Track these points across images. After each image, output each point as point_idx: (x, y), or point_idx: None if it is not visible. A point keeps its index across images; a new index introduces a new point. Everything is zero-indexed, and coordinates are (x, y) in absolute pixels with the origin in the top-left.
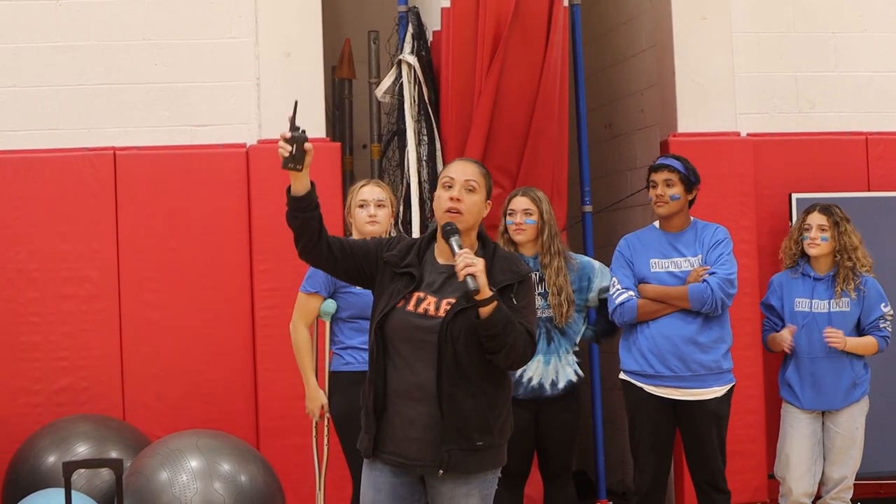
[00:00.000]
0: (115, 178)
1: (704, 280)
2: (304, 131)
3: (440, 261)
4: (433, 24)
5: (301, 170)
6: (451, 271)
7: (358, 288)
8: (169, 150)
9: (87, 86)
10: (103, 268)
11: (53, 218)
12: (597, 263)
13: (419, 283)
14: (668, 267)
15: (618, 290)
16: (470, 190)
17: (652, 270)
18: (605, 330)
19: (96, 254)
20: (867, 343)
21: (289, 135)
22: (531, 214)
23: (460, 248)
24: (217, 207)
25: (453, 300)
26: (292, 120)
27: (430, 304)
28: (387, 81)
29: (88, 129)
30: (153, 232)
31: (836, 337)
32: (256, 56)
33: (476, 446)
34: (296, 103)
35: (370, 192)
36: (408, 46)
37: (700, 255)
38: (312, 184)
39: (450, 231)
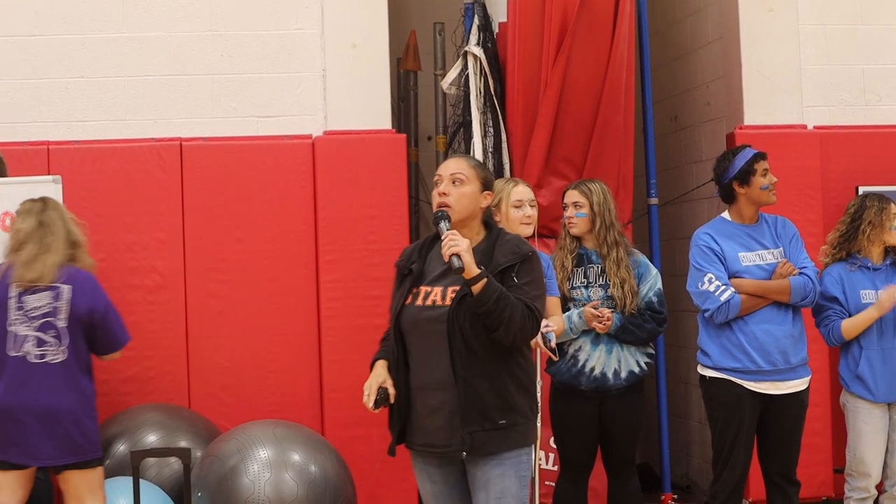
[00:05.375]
0: (182, 169)
1: (803, 273)
2: (386, 391)
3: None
4: (499, 15)
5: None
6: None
7: None
8: (235, 141)
9: (153, 77)
10: (169, 258)
11: (120, 208)
12: (653, 269)
13: (420, 277)
14: (755, 260)
15: (718, 286)
16: (456, 182)
17: (743, 264)
18: (636, 337)
19: (162, 244)
20: None
21: (376, 411)
22: (581, 207)
23: (447, 230)
24: (283, 198)
25: (458, 287)
26: (378, 397)
27: (436, 294)
28: (453, 73)
29: (155, 119)
30: (219, 223)
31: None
32: (322, 47)
33: (499, 425)
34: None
35: (525, 192)
36: (474, 38)
37: (781, 248)
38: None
39: (438, 217)
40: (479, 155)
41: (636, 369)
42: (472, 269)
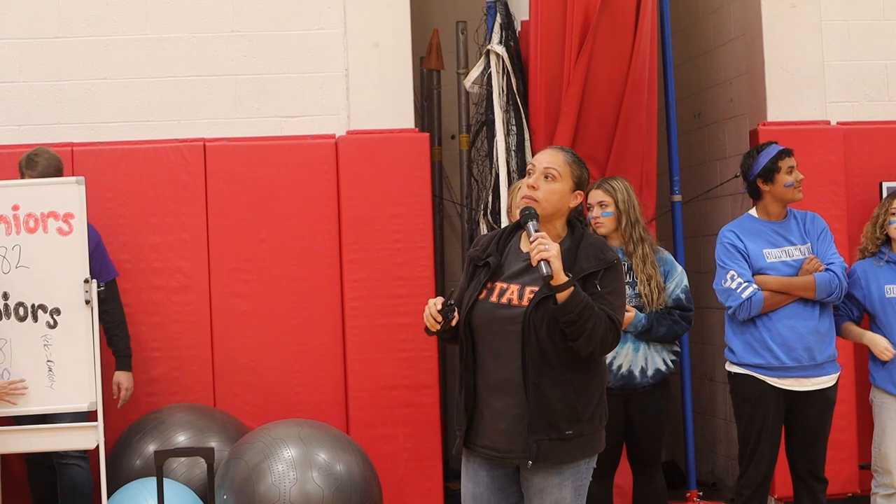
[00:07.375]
0: (206, 170)
1: (829, 270)
2: (453, 304)
3: (524, 249)
4: (521, 13)
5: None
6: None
7: None
8: (258, 142)
9: (176, 78)
10: (193, 259)
11: (144, 209)
12: (679, 266)
13: (498, 272)
14: (781, 256)
15: (740, 283)
16: (549, 178)
17: (768, 261)
18: (659, 335)
19: (186, 245)
20: None
21: (439, 318)
22: (606, 206)
23: (536, 231)
24: (306, 198)
25: (537, 288)
26: (447, 302)
27: (513, 293)
28: (475, 72)
29: (178, 120)
30: (243, 223)
31: None
32: (345, 47)
33: (565, 435)
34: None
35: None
36: (496, 36)
37: (809, 244)
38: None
39: (527, 215)
40: (501, 154)
41: (663, 367)
42: (561, 277)
